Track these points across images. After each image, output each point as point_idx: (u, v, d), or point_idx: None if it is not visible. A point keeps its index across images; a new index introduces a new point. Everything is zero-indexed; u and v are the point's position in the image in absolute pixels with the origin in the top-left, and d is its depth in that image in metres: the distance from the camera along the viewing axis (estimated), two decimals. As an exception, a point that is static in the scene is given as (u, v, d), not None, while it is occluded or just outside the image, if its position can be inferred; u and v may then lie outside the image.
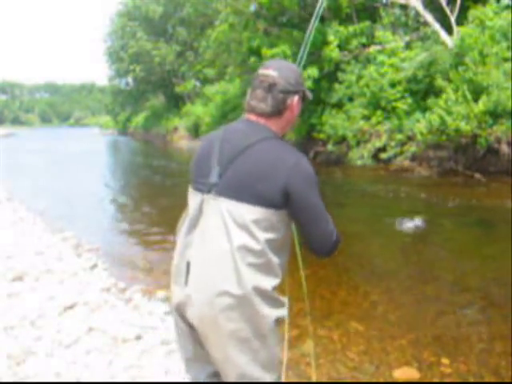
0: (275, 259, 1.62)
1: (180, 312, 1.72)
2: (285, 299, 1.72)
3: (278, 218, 1.60)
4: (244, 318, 1.59)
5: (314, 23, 2.36)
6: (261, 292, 1.60)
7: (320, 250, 1.67)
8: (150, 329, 3.48)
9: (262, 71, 1.70)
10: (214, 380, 1.85)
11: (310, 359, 3.03)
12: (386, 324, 3.73)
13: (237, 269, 1.57)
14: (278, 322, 1.69)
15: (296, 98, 1.70)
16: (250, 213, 1.57)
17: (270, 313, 1.63)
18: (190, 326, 1.73)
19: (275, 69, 1.68)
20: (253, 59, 17.01)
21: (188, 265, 1.65)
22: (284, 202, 1.58)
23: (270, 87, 1.65)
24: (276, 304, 1.66)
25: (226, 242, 1.58)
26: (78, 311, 3.75)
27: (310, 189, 1.60)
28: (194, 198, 1.70)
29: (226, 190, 1.60)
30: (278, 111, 1.68)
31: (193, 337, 1.77)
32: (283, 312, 1.69)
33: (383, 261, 5.56)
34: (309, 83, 15.56)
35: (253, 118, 1.70)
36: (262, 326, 1.63)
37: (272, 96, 1.66)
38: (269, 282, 1.62)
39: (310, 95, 1.78)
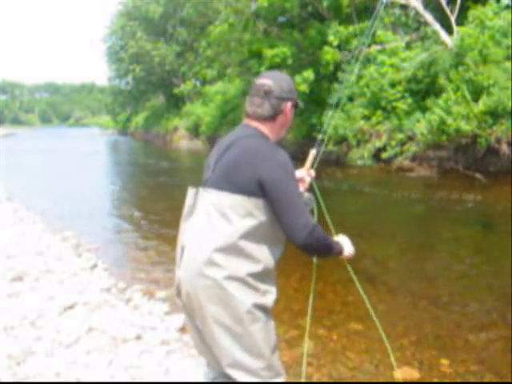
0: (255, 247, 1.72)
1: (178, 294, 1.87)
2: (269, 287, 1.78)
3: (253, 204, 1.70)
4: (219, 300, 1.71)
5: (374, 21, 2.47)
6: (234, 276, 1.70)
7: (292, 239, 1.72)
8: (149, 329, 3.48)
9: (258, 80, 1.88)
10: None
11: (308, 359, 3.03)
12: (386, 324, 3.72)
13: (213, 252, 1.70)
14: (260, 308, 1.74)
15: (289, 104, 1.87)
16: (227, 199, 1.72)
17: (244, 297, 1.70)
18: (186, 312, 1.88)
19: (271, 78, 1.86)
20: (253, 61, 17.02)
21: (182, 249, 1.83)
22: (259, 190, 1.69)
23: (267, 94, 1.82)
24: (252, 290, 1.72)
25: (208, 227, 1.74)
26: (78, 311, 3.75)
27: (282, 177, 1.70)
28: (189, 192, 1.91)
29: (213, 182, 1.80)
30: (273, 116, 1.84)
31: (195, 329, 1.89)
32: (263, 299, 1.75)
33: (383, 261, 5.55)
34: (304, 86, 15.55)
35: (249, 121, 1.88)
36: (238, 310, 1.70)
37: (268, 102, 1.83)
38: (244, 268, 1.70)
39: (301, 104, 1.94)
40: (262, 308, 1.75)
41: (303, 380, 2.17)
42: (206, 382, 2.01)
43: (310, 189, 2.02)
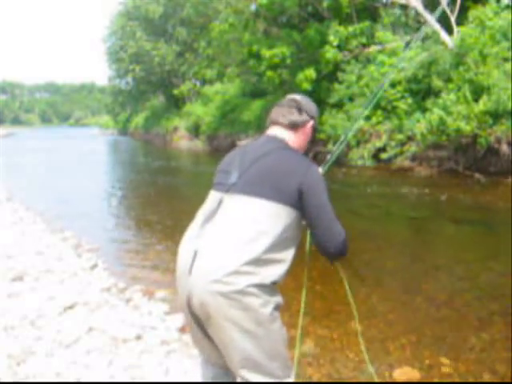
0: (281, 254, 1.75)
1: (187, 303, 1.78)
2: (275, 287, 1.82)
3: (287, 213, 1.75)
4: (241, 305, 1.67)
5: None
6: (259, 284, 1.69)
7: (329, 249, 1.81)
8: (150, 329, 3.48)
9: (290, 96, 2.09)
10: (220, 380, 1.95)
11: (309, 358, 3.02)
12: (386, 324, 3.73)
13: (243, 259, 1.67)
14: (277, 307, 1.78)
15: (312, 122, 2.05)
16: (264, 206, 1.74)
17: (267, 301, 1.72)
18: (196, 318, 1.81)
19: (301, 97, 2.08)
20: (252, 61, 17.02)
21: (195, 254, 1.73)
22: (297, 199, 1.76)
23: (296, 105, 2.01)
24: (273, 293, 1.76)
25: (238, 233, 1.71)
26: (78, 311, 3.75)
27: (320, 190, 1.81)
28: (213, 196, 1.88)
29: (243, 188, 1.79)
30: (297, 124, 1.99)
31: (201, 333, 1.86)
32: (279, 298, 1.80)
33: (383, 261, 5.55)
34: (306, 85, 15.54)
35: (272, 131, 1.99)
36: (260, 314, 1.71)
37: (296, 111, 2.00)
38: (269, 276, 1.72)
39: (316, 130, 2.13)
40: (278, 307, 1.80)
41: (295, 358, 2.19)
42: (205, 382, 2.01)
43: None
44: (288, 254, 1.79)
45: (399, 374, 3.00)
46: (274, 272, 1.73)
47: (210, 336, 1.82)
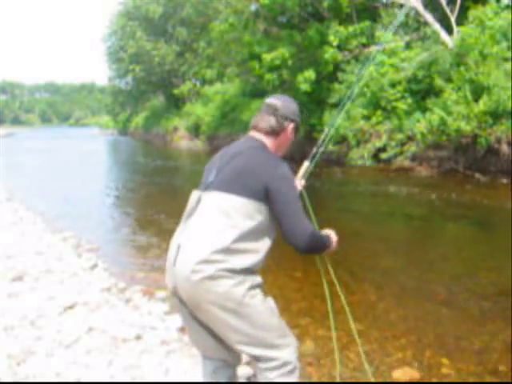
0: (254, 243, 1.87)
1: (175, 294, 1.93)
2: (258, 271, 1.94)
3: (256, 208, 1.86)
4: (217, 289, 1.80)
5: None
6: (230, 269, 1.81)
7: (293, 244, 1.89)
8: (150, 329, 3.48)
9: (268, 100, 2.11)
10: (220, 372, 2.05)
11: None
12: (386, 324, 3.73)
13: (212, 249, 1.80)
14: (254, 287, 1.88)
15: (292, 125, 2.08)
16: (233, 201, 1.86)
17: (239, 283, 1.82)
18: (186, 307, 1.94)
19: (280, 100, 2.09)
20: (253, 62, 17.02)
21: (178, 248, 1.91)
22: (263, 196, 1.87)
23: (274, 111, 2.04)
24: (246, 274, 1.85)
25: (209, 227, 1.85)
26: (78, 311, 3.75)
27: (286, 188, 1.89)
28: (193, 195, 2.03)
29: (218, 185, 1.92)
30: (276, 131, 2.04)
31: (194, 322, 1.97)
32: (256, 280, 1.90)
33: (383, 261, 5.55)
34: (305, 86, 15.54)
35: (254, 134, 2.06)
36: (237, 295, 1.81)
37: (274, 118, 2.04)
38: (240, 264, 1.83)
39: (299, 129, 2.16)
40: (255, 285, 1.89)
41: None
42: (206, 383, 2.01)
43: (300, 197, 2.15)
44: (261, 245, 1.89)
45: (399, 374, 3.00)
46: (245, 261, 1.84)
47: (203, 323, 1.93)
